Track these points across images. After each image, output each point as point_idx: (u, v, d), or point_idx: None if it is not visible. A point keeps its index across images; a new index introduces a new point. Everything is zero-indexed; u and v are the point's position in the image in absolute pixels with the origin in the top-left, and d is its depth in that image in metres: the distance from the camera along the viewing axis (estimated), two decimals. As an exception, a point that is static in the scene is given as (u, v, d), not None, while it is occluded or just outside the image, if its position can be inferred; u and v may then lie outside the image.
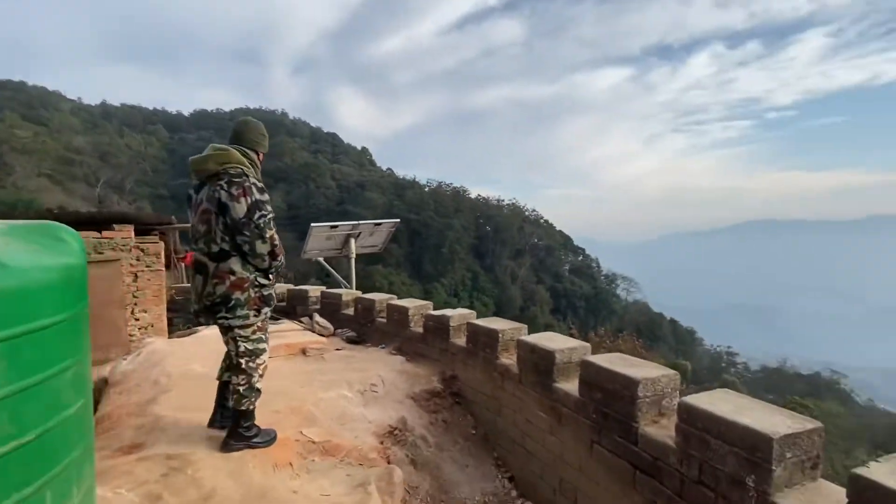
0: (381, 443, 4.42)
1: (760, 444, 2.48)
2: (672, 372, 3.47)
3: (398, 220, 11.20)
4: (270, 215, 3.60)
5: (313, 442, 3.85)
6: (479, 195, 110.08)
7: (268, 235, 3.51)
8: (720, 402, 2.89)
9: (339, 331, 7.49)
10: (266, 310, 3.74)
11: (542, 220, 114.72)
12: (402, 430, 4.78)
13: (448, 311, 5.93)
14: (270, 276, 3.74)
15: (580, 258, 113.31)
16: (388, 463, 4.16)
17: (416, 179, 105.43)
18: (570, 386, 3.97)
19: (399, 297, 7.07)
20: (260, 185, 3.61)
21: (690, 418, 2.89)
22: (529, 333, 4.88)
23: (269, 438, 3.71)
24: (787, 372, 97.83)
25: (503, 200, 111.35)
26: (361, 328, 7.36)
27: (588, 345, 4.34)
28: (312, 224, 9.38)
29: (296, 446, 3.75)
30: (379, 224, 10.51)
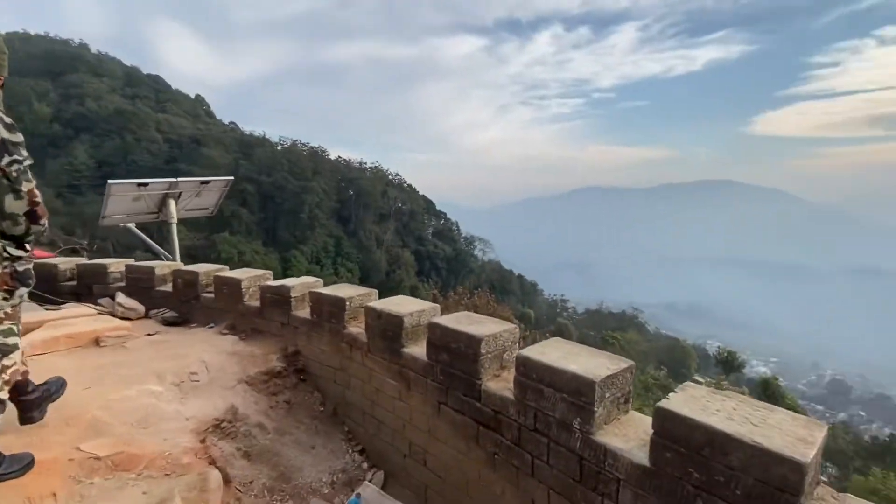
0: (203, 441, 3.72)
1: (584, 389, 2.60)
2: (512, 326, 3.53)
3: (231, 177, 9.65)
4: (27, 162, 2.55)
5: (97, 458, 2.99)
6: (339, 157, 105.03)
7: (24, 190, 2.51)
8: (551, 351, 2.99)
9: (154, 312, 6.19)
10: (21, 291, 2.72)
11: (405, 185, 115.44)
12: (233, 421, 4.12)
13: (289, 281, 5.27)
14: (28, 244, 2.70)
15: (442, 222, 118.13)
16: (212, 464, 3.51)
17: (267, 137, 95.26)
18: (419, 350, 3.81)
19: (252, 269, 6.08)
20: (8, 120, 2.52)
21: (526, 370, 2.94)
22: (394, 297, 4.60)
23: (21, 466, 2.75)
24: (603, 312, 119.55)
25: (366, 163, 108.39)
26: (184, 307, 6.18)
27: (437, 306, 4.22)
28: (110, 181, 7.46)
29: (67, 468, 2.85)
30: (206, 182, 8.91)
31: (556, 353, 2.94)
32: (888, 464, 34.68)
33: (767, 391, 26.77)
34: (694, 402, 2.26)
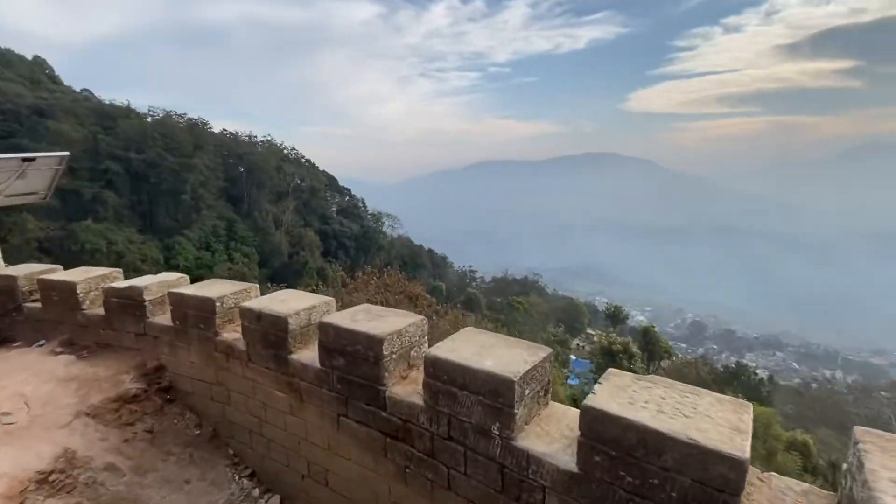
0: (16, 507, 2.77)
1: (502, 389, 2.26)
2: (418, 318, 3.08)
3: (66, 153, 7.71)
4: None
5: None
6: (225, 130, 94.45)
7: None
8: (464, 346, 2.60)
9: (-49, 332, 4.68)
10: None
11: (303, 160, 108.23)
12: (67, 470, 3.16)
13: (140, 280, 4.22)
14: None
15: (346, 199, 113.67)
16: (30, 537, 2.62)
17: (132, 107, 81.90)
18: (310, 355, 3.20)
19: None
20: None
21: (437, 371, 2.52)
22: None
23: None
24: (508, 279, 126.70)
25: (256, 137, 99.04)
26: (1, 322, 4.76)
27: (331, 300, 3.61)
28: None
29: None
30: (31, 160, 6.99)
31: (469, 349, 2.55)
32: (735, 387, 42.19)
33: (647, 336, 30.50)
34: (620, 393, 2.02)
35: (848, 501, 1.58)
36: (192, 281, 4.49)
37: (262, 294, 3.97)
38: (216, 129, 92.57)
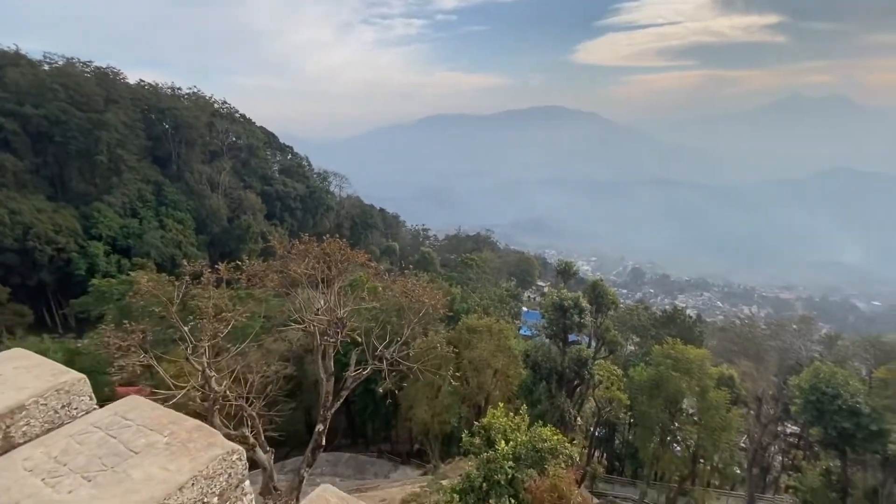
0: None
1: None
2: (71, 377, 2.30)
3: None
4: None
5: None
6: (142, 81, 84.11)
7: None
8: None
9: None
10: None
11: (237, 115, 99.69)
12: None
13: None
14: None
15: (289, 157, 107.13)
16: None
17: (22, 52, 70.37)
18: None
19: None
20: None
21: None
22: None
23: None
24: (461, 236, 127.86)
25: (180, 89, 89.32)
26: None
27: (72, 380, 2.47)
28: None
29: None
30: None
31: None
32: (672, 330, 45.80)
33: (595, 290, 31.81)
34: None
35: None
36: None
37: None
38: (131, 81, 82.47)
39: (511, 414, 16.36)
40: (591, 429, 36.57)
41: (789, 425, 36.06)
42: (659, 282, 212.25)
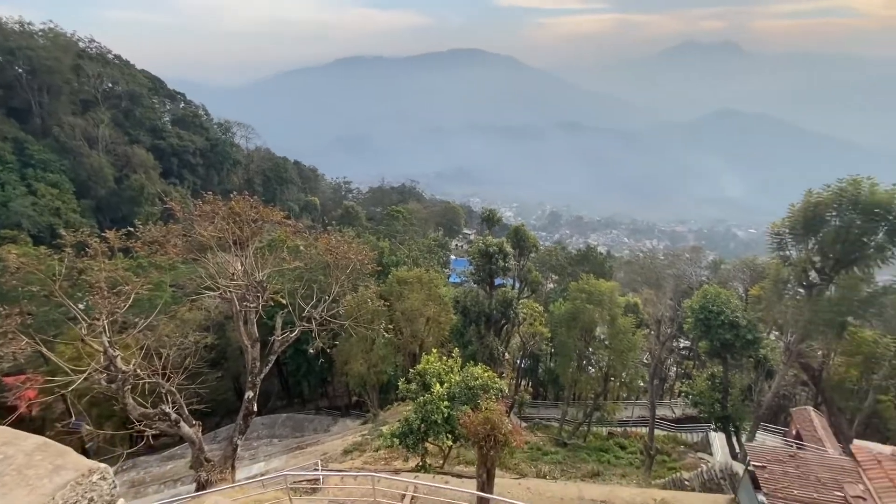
0: None
1: None
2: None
3: None
4: None
5: None
6: (-29, 11, 67.29)
7: None
8: None
9: None
10: None
11: (111, 57, 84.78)
12: None
13: None
14: None
15: (182, 106, 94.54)
16: None
17: None
18: None
19: None
20: None
21: None
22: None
23: None
24: (386, 188, 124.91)
25: (32, 24, 73.23)
26: None
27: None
28: None
29: None
30: None
31: None
32: (585, 266, 49.73)
33: (518, 235, 33.20)
34: None
35: None
36: None
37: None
38: (-44, 9, 65.76)
39: (444, 358, 16.99)
40: (518, 362, 39.53)
41: (682, 341, 41.77)
42: (574, 223, 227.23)
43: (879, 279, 19.87)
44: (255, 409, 14.93)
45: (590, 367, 34.98)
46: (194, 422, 13.86)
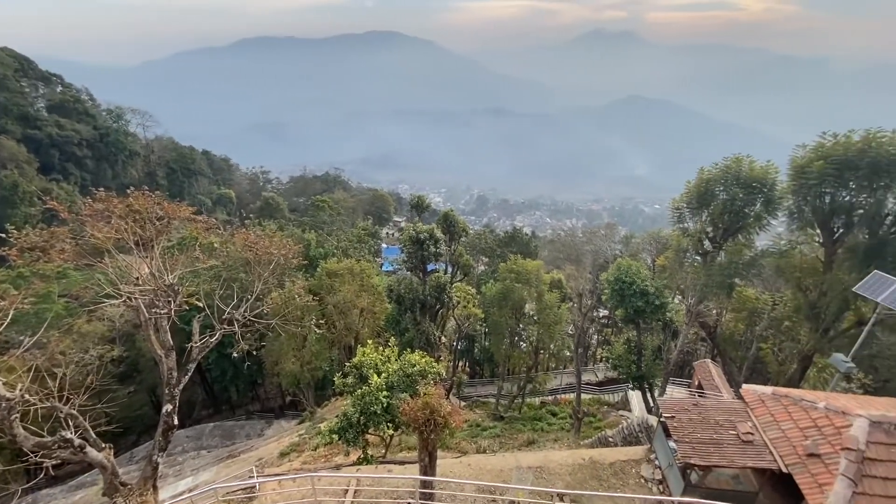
0: None
1: None
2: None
3: None
4: None
5: None
6: None
7: None
8: None
9: None
10: None
11: (-43, 29, 71.15)
12: None
13: None
14: None
15: (60, 90, 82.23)
16: None
17: None
18: None
19: None
20: None
21: None
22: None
23: None
24: (308, 177, 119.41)
25: None
26: None
27: None
28: None
29: None
30: None
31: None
32: (513, 247, 51.74)
33: (447, 220, 33.55)
34: None
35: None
36: None
37: None
38: None
39: (381, 348, 16.86)
40: (454, 344, 40.39)
41: (601, 311, 45.20)
42: (500, 206, 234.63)
43: (759, 244, 22.88)
44: (176, 422, 13.79)
45: (521, 343, 36.70)
46: (104, 445, 12.48)
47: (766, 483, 10.92)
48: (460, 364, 45.89)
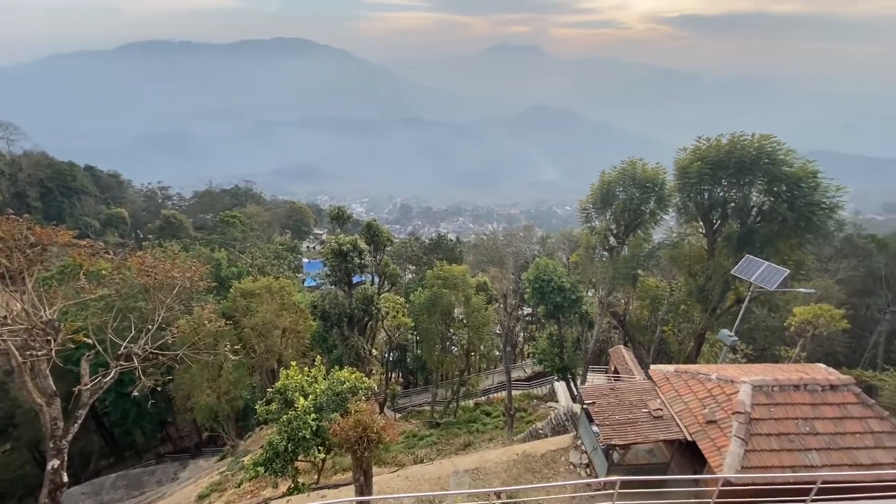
0: None
1: None
2: None
3: None
4: None
5: None
6: None
7: None
8: None
9: None
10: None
11: None
12: None
13: None
14: None
15: None
16: None
17: None
18: None
19: None
20: None
21: None
22: None
23: None
24: (215, 192, 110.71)
25: None
26: None
27: None
28: None
29: None
30: None
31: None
32: (438, 254, 52.34)
33: (370, 230, 32.99)
34: None
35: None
36: None
37: None
38: None
39: (307, 368, 16.03)
40: (386, 356, 39.72)
41: (525, 309, 47.29)
42: (424, 214, 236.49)
43: (655, 237, 25.47)
44: (66, 479, 11.92)
45: (452, 347, 37.12)
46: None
47: (675, 452, 12.09)
48: (393, 375, 45.18)
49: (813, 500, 8.08)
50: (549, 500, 11.63)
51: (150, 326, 12.88)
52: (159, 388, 14.13)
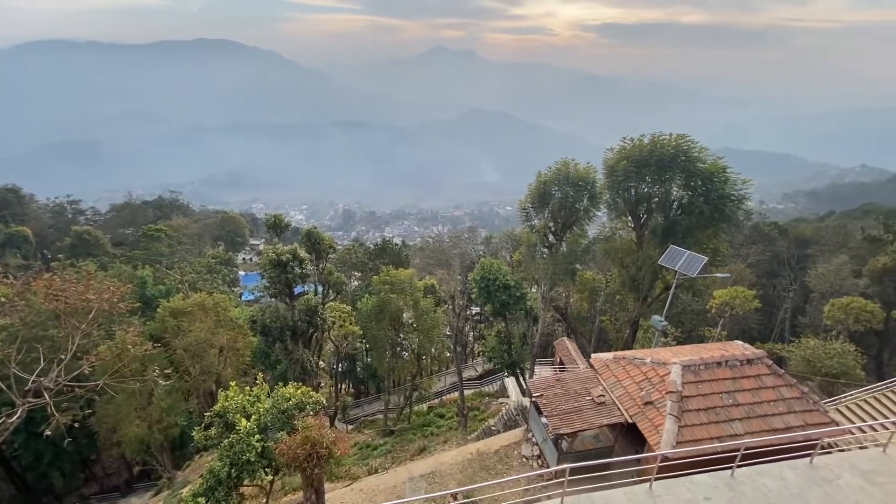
0: None
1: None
2: None
3: None
4: None
5: None
6: None
7: None
8: None
9: None
10: None
11: None
12: None
13: None
14: None
15: None
16: None
17: None
18: None
19: None
20: None
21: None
22: None
23: None
24: (135, 204, 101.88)
25: None
26: None
27: None
28: None
29: None
30: None
31: None
32: (384, 259, 51.71)
33: (311, 238, 31.93)
34: None
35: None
36: None
37: None
38: None
39: (248, 387, 15.16)
40: (334, 367, 38.58)
41: (473, 308, 47.97)
42: (368, 218, 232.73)
43: (590, 233, 26.88)
44: (-37, 540, 10.38)
45: (403, 353, 36.83)
46: None
47: (618, 435, 12.78)
48: (343, 386, 43.95)
49: (738, 465, 8.96)
50: (504, 495, 11.85)
51: (62, 356, 11.55)
52: (77, 424, 12.72)
